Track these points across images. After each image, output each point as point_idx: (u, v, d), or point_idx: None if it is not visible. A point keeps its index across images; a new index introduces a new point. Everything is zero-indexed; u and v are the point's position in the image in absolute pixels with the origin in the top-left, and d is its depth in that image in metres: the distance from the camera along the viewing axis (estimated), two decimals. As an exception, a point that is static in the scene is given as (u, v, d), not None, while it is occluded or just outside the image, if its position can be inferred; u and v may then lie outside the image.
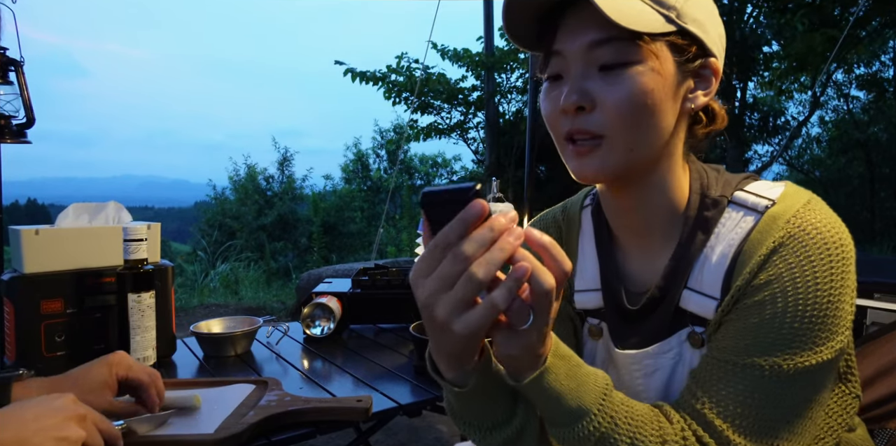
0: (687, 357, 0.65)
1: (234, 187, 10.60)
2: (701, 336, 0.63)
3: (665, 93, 0.59)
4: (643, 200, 0.66)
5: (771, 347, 0.57)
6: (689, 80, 0.62)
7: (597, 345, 0.74)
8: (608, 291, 0.72)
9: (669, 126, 0.61)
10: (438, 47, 7.36)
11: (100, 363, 0.81)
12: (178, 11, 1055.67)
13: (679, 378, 0.65)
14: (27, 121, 1.29)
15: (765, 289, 0.58)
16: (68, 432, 0.60)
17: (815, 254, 0.57)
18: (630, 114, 0.58)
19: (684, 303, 0.64)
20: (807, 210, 0.59)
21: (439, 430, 2.38)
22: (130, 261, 1.01)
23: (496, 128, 7.98)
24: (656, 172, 0.65)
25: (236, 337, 1.22)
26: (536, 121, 2.09)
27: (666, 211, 0.66)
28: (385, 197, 7.97)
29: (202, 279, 7.07)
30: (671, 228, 0.67)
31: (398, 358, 1.19)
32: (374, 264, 1.66)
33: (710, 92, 0.63)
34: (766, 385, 0.57)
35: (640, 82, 0.58)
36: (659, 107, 0.59)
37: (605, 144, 0.60)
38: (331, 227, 9.72)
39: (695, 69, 0.61)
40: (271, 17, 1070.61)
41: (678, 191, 0.66)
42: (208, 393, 0.91)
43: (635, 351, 0.67)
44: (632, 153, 0.60)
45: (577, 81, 0.60)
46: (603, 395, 0.55)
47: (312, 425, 0.86)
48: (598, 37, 0.58)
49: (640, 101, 0.58)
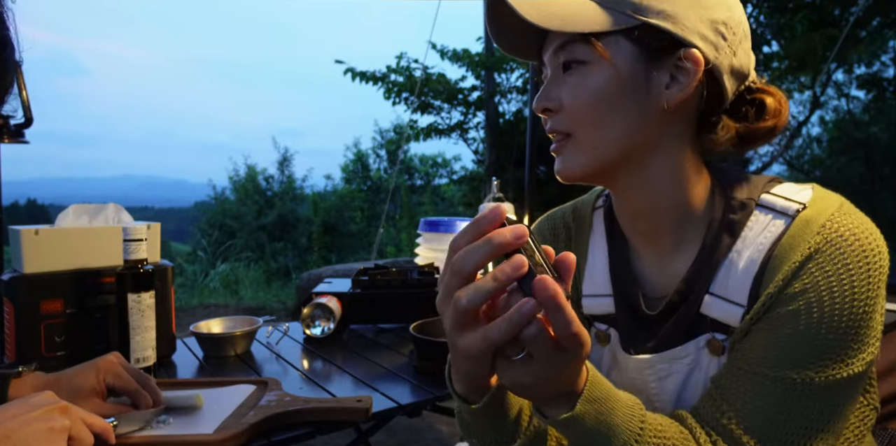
0: (704, 363, 0.62)
1: (234, 187, 10.60)
2: (722, 343, 0.61)
3: (622, 89, 0.59)
4: (649, 202, 0.64)
5: (804, 359, 0.54)
6: (662, 74, 0.59)
7: (603, 351, 0.72)
8: (621, 296, 0.70)
9: (639, 122, 0.60)
10: (438, 47, 7.36)
11: (88, 368, 0.81)
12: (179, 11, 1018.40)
13: (694, 384, 0.63)
14: (26, 121, 1.28)
15: (799, 297, 0.55)
16: (52, 423, 0.59)
17: (853, 261, 0.55)
18: (585, 113, 0.60)
19: (706, 308, 0.62)
20: (841, 214, 0.57)
21: (439, 430, 2.38)
22: (130, 261, 1.01)
23: (496, 128, 7.98)
24: (649, 171, 0.63)
25: (236, 338, 1.22)
26: (536, 121, 2.10)
27: (678, 212, 0.64)
28: (385, 197, 7.96)
29: (202, 279, 7.07)
30: (688, 231, 0.64)
31: (398, 358, 1.19)
32: (374, 264, 1.66)
33: (686, 85, 0.58)
34: (795, 399, 0.55)
35: (590, 81, 0.59)
36: (616, 104, 0.59)
37: (571, 142, 0.62)
38: (331, 227, 9.72)
39: (672, 62, 0.59)
40: (272, 18, 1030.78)
41: (690, 191, 0.64)
42: (209, 394, 0.91)
43: (649, 355, 0.65)
44: (597, 150, 0.61)
45: (546, 85, 0.63)
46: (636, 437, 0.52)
47: (312, 425, 0.86)
48: (559, 41, 0.60)
49: (591, 100, 0.59)
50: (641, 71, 0.59)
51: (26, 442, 0.56)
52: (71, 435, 0.61)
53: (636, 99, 0.59)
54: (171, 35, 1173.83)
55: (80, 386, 0.79)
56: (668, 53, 0.59)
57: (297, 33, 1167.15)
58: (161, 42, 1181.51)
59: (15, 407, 0.60)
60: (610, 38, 0.58)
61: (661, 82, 0.59)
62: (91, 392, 0.79)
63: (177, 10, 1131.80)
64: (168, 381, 1.01)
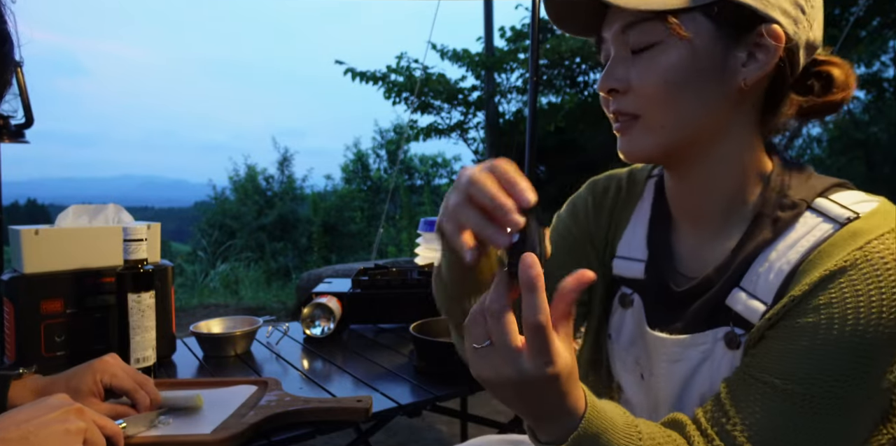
0: (718, 355, 0.61)
1: (234, 187, 10.59)
2: (739, 338, 0.59)
3: (697, 69, 0.57)
4: (703, 187, 0.64)
5: (816, 376, 0.52)
6: (740, 51, 0.57)
7: (625, 315, 0.72)
8: (654, 266, 0.70)
9: (711, 103, 0.58)
10: (438, 47, 7.37)
11: (85, 369, 0.81)
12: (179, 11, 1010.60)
13: (703, 373, 0.62)
14: (26, 121, 1.28)
15: (822, 310, 0.53)
16: (69, 424, 0.60)
17: (887, 285, 0.52)
18: (657, 93, 0.58)
19: (731, 301, 0.60)
20: (894, 236, 0.54)
21: (439, 430, 2.38)
22: (130, 261, 1.01)
23: (496, 128, 7.98)
24: (712, 154, 0.62)
25: (236, 338, 1.22)
26: (536, 121, 2.10)
27: (729, 200, 0.63)
28: (385, 197, 7.96)
29: (202, 279, 7.07)
30: (733, 220, 0.63)
31: (398, 358, 1.19)
32: (374, 264, 1.66)
33: (765, 63, 0.57)
34: (804, 415, 0.53)
35: (664, 61, 0.57)
36: (690, 84, 0.57)
37: (639, 123, 0.61)
38: (331, 227, 9.72)
39: (751, 40, 0.57)
40: (272, 18, 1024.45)
41: (746, 180, 0.62)
42: (209, 394, 0.91)
43: (666, 335, 0.65)
44: (665, 130, 0.59)
45: (611, 65, 0.61)
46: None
47: (312, 425, 0.86)
48: (627, 21, 0.59)
49: (665, 80, 0.57)
50: (719, 49, 0.57)
51: (44, 443, 0.57)
52: (86, 437, 0.62)
53: (711, 78, 0.58)
54: (171, 35, 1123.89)
55: (77, 388, 0.79)
56: (748, 30, 0.57)
57: (298, 33, 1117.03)
58: (161, 42, 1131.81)
59: (32, 409, 0.60)
60: (686, 15, 0.56)
61: (739, 60, 0.57)
62: (89, 393, 0.79)
63: (177, 10, 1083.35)
64: (168, 381, 1.01)
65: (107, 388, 0.81)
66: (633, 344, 0.70)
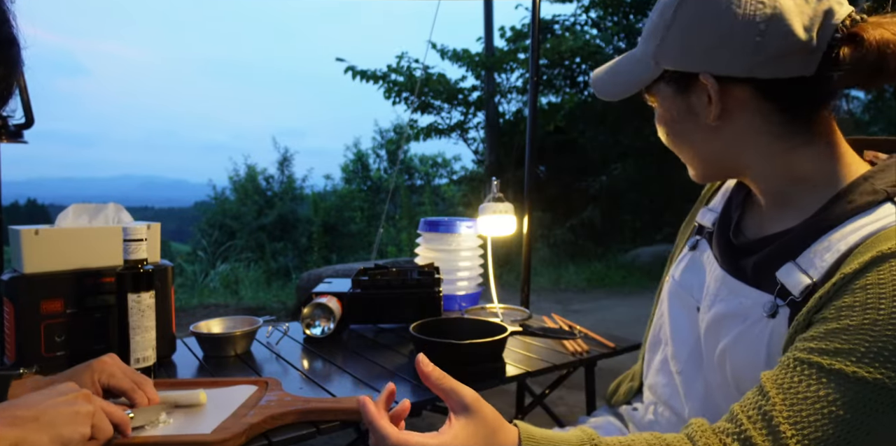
0: (751, 317, 0.66)
1: (234, 187, 10.60)
2: (778, 308, 0.64)
3: (677, 121, 0.73)
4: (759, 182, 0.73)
5: (861, 357, 0.53)
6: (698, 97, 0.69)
7: (689, 255, 0.85)
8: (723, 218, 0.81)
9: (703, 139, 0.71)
10: (438, 47, 7.37)
11: (83, 369, 0.81)
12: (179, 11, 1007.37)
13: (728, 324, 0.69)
14: (26, 121, 1.28)
15: (870, 290, 0.54)
16: (78, 407, 0.62)
17: None
18: (667, 142, 0.77)
19: (782, 274, 0.65)
20: None
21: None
22: (130, 261, 1.01)
23: (496, 128, 7.98)
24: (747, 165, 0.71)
25: (236, 337, 1.22)
26: (536, 122, 2.10)
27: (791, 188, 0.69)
28: (385, 197, 7.96)
29: (202, 279, 7.08)
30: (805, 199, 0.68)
31: (398, 358, 1.19)
32: (374, 264, 1.65)
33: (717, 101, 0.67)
34: (848, 397, 0.53)
35: (658, 119, 0.76)
36: (679, 132, 0.74)
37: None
38: (331, 227, 9.72)
39: (699, 87, 0.68)
40: (272, 18, 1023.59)
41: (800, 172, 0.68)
42: (209, 394, 0.91)
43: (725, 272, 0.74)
44: (693, 165, 0.77)
45: None
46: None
47: (312, 425, 0.86)
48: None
49: (664, 135, 0.76)
50: (683, 103, 0.71)
51: (54, 423, 0.60)
52: (93, 422, 0.64)
53: (692, 123, 0.71)
54: (171, 35, 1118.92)
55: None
56: (694, 80, 0.68)
57: (298, 33, 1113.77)
58: (161, 42, 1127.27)
59: (41, 394, 0.63)
60: (654, 87, 0.74)
61: (703, 102, 0.69)
62: None
63: (177, 10, 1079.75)
64: (168, 381, 1.01)
65: (105, 388, 0.81)
66: (692, 279, 0.81)
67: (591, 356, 1.21)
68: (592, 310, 5.06)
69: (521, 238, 2.01)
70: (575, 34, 7.71)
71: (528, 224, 1.97)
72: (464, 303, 1.63)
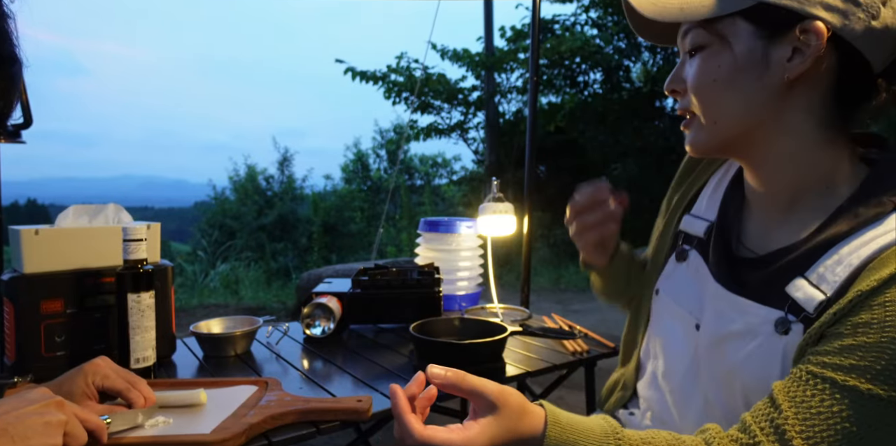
0: (761, 335, 0.62)
1: (234, 187, 10.59)
2: (790, 325, 0.60)
3: (739, 68, 0.62)
4: (769, 178, 0.68)
5: (878, 374, 0.52)
6: (783, 49, 0.60)
7: (678, 268, 0.78)
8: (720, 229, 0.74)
9: (757, 100, 0.63)
10: (438, 47, 7.36)
11: (76, 373, 0.81)
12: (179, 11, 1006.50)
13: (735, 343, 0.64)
14: (25, 121, 1.28)
15: (889, 307, 0.53)
16: (49, 417, 0.60)
17: None
18: (704, 93, 0.65)
19: (791, 288, 0.61)
20: None
21: (439, 430, 2.38)
22: (130, 261, 1.01)
23: (496, 128, 7.98)
24: (774, 147, 0.65)
25: (236, 337, 1.22)
26: (536, 121, 2.10)
27: (796, 191, 0.66)
28: (385, 197, 7.96)
29: (202, 279, 7.08)
30: (809, 210, 0.65)
31: (398, 358, 1.19)
32: (374, 264, 1.65)
33: (807, 57, 0.59)
34: (861, 414, 0.52)
35: (710, 62, 0.64)
36: (733, 83, 0.63)
37: (696, 120, 0.68)
38: (331, 227, 9.71)
39: (792, 37, 0.59)
40: (272, 18, 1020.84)
41: (818, 171, 0.64)
42: (209, 394, 0.91)
43: (726, 290, 0.68)
44: (718, 126, 0.66)
45: (677, 68, 0.70)
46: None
47: (312, 425, 0.86)
48: (684, 28, 0.67)
49: (709, 80, 0.64)
50: (759, 48, 0.61)
51: (23, 435, 0.57)
52: (66, 430, 0.61)
53: (755, 75, 0.62)
54: (171, 35, 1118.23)
55: (70, 392, 0.78)
56: (789, 27, 0.59)
57: (298, 33, 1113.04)
58: (161, 42, 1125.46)
59: (11, 402, 0.60)
60: (727, 21, 0.62)
61: (783, 56, 0.60)
62: (82, 395, 0.79)
63: (177, 10, 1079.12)
64: (168, 381, 1.01)
65: (100, 390, 0.81)
66: (685, 293, 0.75)
67: (591, 356, 1.21)
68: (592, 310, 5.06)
69: (521, 238, 2.01)
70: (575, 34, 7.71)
71: (528, 224, 1.97)
72: (464, 303, 1.63)
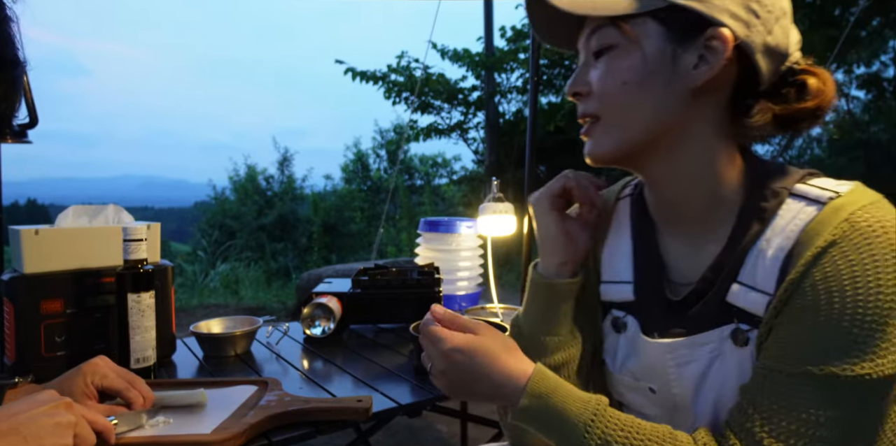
0: (727, 353, 0.61)
1: (234, 187, 10.59)
2: (746, 334, 0.59)
3: (649, 70, 0.59)
4: (678, 188, 0.65)
5: (826, 355, 0.52)
6: (690, 54, 0.58)
7: (619, 338, 0.71)
8: (646, 281, 0.70)
9: (665, 104, 0.60)
10: (438, 47, 7.36)
11: (74, 373, 0.81)
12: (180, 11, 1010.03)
13: (715, 373, 0.62)
14: (30, 121, 1.28)
15: (820, 287, 0.53)
16: (59, 418, 0.61)
17: (879, 252, 0.52)
18: (612, 95, 0.61)
19: (733, 297, 0.60)
20: (875, 207, 0.54)
21: (439, 430, 2.38)
22: (130, 261, 1.01)
23: (496, 128, 7.97)
24: (679, 156, 0.63)
25: (236, 338, 1.22)
26: (536, 121, 2.10)
27: (708, 200, 0.64)
28: (385, 197, 7.96)
29: (202, 279, 7.07)
30: (718, 218, 0.63)
31: (398, 358, 1.19)
32: (374, 264, 1.66)
33: (714, 64, 0.57)
34: (821, 399, 0.52)
35: (619, 63, 0.61)
36: (643, 85, 0.60)
37: (599, 125, 0.64)
38: (331, 227, 9.71)
39: (700, 42, 0.58)
40: (273, 18, 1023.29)
41: (721, 179, 0.63)
42: (210, 394, 0.92)
43: (671, 340, 0.64)
44: (625, 132, 0.62)
45: (578, 70, 0.66)
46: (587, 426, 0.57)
47: (312, 425, 0.86)
48: (591, 27, 0.63)
49: (619, 82, 0.61)
50: (669, 51, 0.59)
51: (36, 435, 0.58)
52: (75, 432, 0.62)
53: (664, 79, 0.59)
54: (171, 35, 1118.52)
55: (70, 392, 0.79)
56: (697, 32, 0.58)
57: (298, 32, 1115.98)
58: (162, 42, 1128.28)
59: (22, 404, 0.61)
60: (638, 20, 0.59)
61: (690, 62, 0.59)
62: (82, 395, 0.79)
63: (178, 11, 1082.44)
64: (168, 381, 1.01)
65: (99, 390, 0.81)
66: (631, 363, 0.70)
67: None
68: (592, 310, 5.05)
69: (521, 238, 2.01)
70: (575, 34, 7.67)
71: (528, 224, 1.97)
72: (464, 303, 1.63)
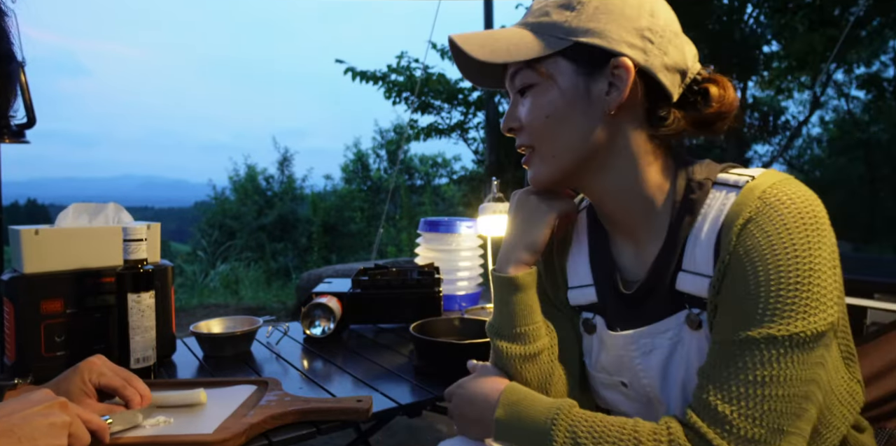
0: (686, 339, 0.67)
1: (234, 187, 10.59)
2: (699, 317, 0.65)
3: (567, 103, 0.67)
4: (615, 198, 0.71)
5: (761, 319, 0.58)
6: (600, 83, 0.66)
7: (592, 339, 0.78)
8: (603, 282, 0.76)
9: (588, 129, 0.67)
10: (438, 47, 7.35)
11: (72, 372, 0.81)
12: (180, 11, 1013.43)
13: (678, 359, 0.67)
14: (28, 121, 1.28)
15: (744, 259, 0.59)
16: (53, 418, 0.60)
17: (790, 222, 0.59)
18: (540, 128, 0.69)
19: (680, 284, 0.66)
20: (783, 184, 0.62)
21: (439, 430, 2.38)
22: (130, 261, 1.01)
23: (496, 128, 7.97)
24: (610, 171, 0.69)
25: (236, 338, 1.22)
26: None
27: (646, 204, 0.70)
28: (385, 197, 7.96)
29: (202, 279, 7.08)
30: (656, 217, 0.70)
31: (398, 358, 1.19)
32: (374, 264, 1.66)
33: (622, 90, 0.65)
34: (764, 360, 0.57)
35: (539, 100, 0.68)
36: (564, 117, 0.67)
37: (535, 154, 0.72)
38: (331, 227, 9.71)
39: (607, 72, 0.65)
40: (273, 18, 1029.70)
41: (652, 183, 0.69)
42: (209, 394, 0.92)
43: (631, 331, 0.71)
44: (557, 159, 0.70)
45: (510, 108, 0.73)
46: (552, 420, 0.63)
47: (312, 425, 0.86)
48: (512, 70, 0.71)
49: (542, 116, 0.68)
50: (581, 84, 0.66)
51: (29, 436, 0.58)
52: (70, 431, 0.62)
53: (582, 109, 0.67)
54: (171, 35, 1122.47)
55: (68, 391, 0.79)
56: (602, 64, 0.65)
57: (298, 33, 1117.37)
58: (162, 42, 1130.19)
59: (16, 403, 0.61)
60: (550, 61, 0.67)
61: (601, 90, 0.66)
62: (81, 394, 0.79)
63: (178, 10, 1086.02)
64: (168, 381, 1.01)
65: (97, 388, 0.81)
66: (602, 359, 0.76)
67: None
68: (592, 310, 5.06)
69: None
70: (575, 34, 7.67)
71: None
72: (464, 303, 1.64)
